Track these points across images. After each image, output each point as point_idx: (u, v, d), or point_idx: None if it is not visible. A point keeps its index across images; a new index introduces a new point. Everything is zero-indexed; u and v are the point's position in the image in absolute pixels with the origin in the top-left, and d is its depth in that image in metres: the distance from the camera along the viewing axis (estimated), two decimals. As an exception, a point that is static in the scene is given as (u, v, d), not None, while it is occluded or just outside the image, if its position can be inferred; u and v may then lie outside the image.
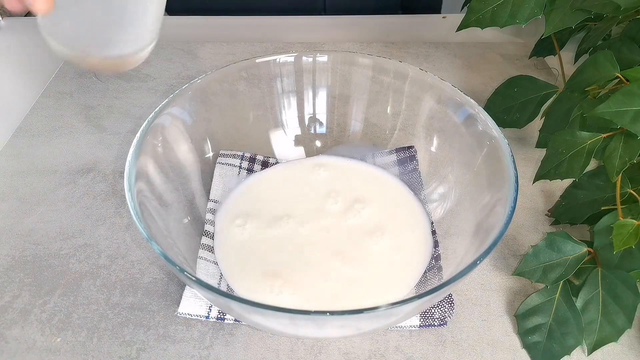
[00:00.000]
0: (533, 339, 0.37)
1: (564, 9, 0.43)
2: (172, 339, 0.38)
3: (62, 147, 0.54)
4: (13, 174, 0.51)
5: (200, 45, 0.69)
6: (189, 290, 0.39)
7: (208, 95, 0.44)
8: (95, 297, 0.40)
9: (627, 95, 0.36)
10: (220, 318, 0.38)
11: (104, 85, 0.62)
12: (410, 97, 0.46)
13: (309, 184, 0.47)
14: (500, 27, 0.45)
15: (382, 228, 0.43)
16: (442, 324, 0.38)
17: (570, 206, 0.43)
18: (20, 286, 0.41)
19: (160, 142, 0.40)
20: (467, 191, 0.42)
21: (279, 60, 0.46)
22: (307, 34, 0.72)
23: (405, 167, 0.48)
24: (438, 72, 0.65)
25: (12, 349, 0.37)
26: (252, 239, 0.42)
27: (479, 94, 0.61)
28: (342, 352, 0.37)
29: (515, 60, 0.67)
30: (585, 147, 0.39)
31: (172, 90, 0.60)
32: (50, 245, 0.44)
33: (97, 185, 0.50)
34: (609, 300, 0.37)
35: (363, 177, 0.47)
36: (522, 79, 0.51)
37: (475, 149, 0.41)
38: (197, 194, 0.45)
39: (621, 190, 0.38)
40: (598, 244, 0.38)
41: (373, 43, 0.70)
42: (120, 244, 0.44)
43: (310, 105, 0.50)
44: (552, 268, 0.38)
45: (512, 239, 0.45)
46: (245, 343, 0.38)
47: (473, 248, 0.36)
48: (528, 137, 0.55)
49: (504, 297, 0.41)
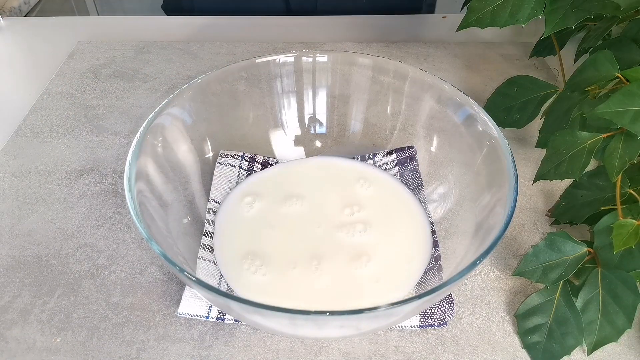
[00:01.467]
0: (533, 339, 0.37)
1: (564, 9, 0.43)
2: (172, 339, 0.38)
3: (62, 147, 0.54)
4: (13, 174, 0.51)
5: (200, 45, 0.69)
6: (188, 291, 0.39)
7: (208, 95, 0.44)
8: (95, 297, 0.40)
9: (627, 95, 0.36)
10: (220, 318, 0.38)
11: (104, 85, 0.62)
12: (410, 97, 0.46)
13: (309, 184, 0.47)
14: (500, 27, 0.45)
15: (382, 228, 0.43)
16: (442, 324, 0.38)
17: (570, 206, 0.43)
18: (20, 286, 0.41)
19: (160, 142, 0.40)
20: (467, 191, 0.42)
21: (279, 60, 0.46)
22: (307, 34, 0.73)
23: (405, 167, 0.48)
24: (438, 72, 0.65)
25: (12, 349, 0.37)
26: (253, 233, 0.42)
27: (479, 94, 0.61)
28: (342, 352, 0.37)
29: (515, 60, 0.67)
30: (585, 147, 0.39)
31: (172, 90, 0.60)
32: (50, 245, 0.44)
33: (97, 185, 0.50)
34: (609, 300, 0.37)
35: (363, 177, 0.47)
36: (522, 79, 0.51)
37: (475, 149, 0.41)
38: (197, 194, 0.45)
39: (621, 190, 0.38)
40: (598, 244, 0.38)
41: (373, 43, 0.70)
42: (120, 244, 0.44)
43: (310, 105, 0.50)
44: (552, 268, 0.38)
45: (512, 239, 0.45)
46: (245, 343, 0.38)
47: (473, 248, 0.36)
48: (528, 137, 0.55)
49: (504, 297, 0.41)
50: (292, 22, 0.75)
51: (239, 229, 0.43)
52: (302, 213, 0.44)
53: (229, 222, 0.44)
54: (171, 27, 0.74)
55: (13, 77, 0.66)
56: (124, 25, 0.76)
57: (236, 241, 0.42)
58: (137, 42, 0.70)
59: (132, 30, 0.74)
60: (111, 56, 0.68)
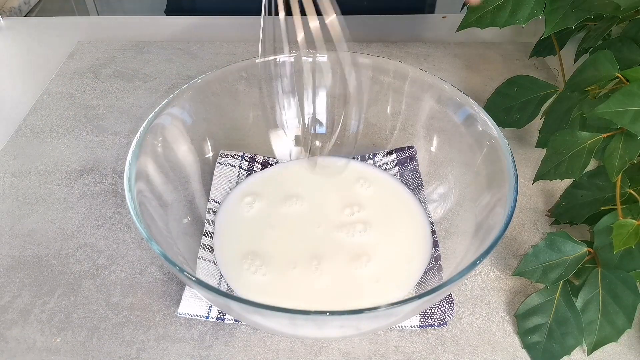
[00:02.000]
0: (533, 339, 0.37)
1: (564, 9, 0.43)
2: (172, 339, 0.38)
3: (62, 147, 0.54)
4: (13, 174, 0.51)
5: (200, 45, 0.69)
6: (188, 291, 0.39)
7: (208, 95, 0.44)
8: (95, 297, 0.40)
9: (627, 95, 0.36)
10: (220, 318, 0.38)
11: (104, 85, 0.62)
12: (410, 97, 0.46)
13: (309, 184, 0.47)
14: (500, 27, 0.45)
15: (382, 228, 0.43)
16: (442, 324, 0.38)
17: (570, 206, 0.43)
18: (20, 286, 0.41)
19: (160, 142, 0.40)
20: (467, 191, 0.42)
21: (279, 60, 0.46)
22: (306, 34, 0.72)
23: (405, 167, 0.48)
24: (438, 72, 0.65)
25: (12, 349, 0.37)
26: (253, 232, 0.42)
27: (479, 94, 0.61)
28: (342, 352, 0.37)
29: (515, 60, 0.67)
30: (585, 147, 0.39)
31: (172, 90, 0.60)
32: (50, 245, 0.44)
33: (97, 185, 0.50)
34: (609, 300, 0.37)
35: (363, 177, 0.47)
36: (522, 79, 0.51)
37: (475, 149, 0.41)
38: (197, 194, 0.45)
39: (621, 190, 0.38)
40: (598, 244, 0.38)
41: (373, 43, 0.70)
42: (120, 244, 0.44)
43: (310, 105, 0.50)
44: (552, 268, 0.38)
45: (512, 239, 0.45)
46: (245, 343, 0.38)
47: (473, 248, 0.36)
48: (528, 137, 0.55)
49: (504, 297, 0.41)
50: (292, 22, 0.75)
51: (239, 229, 0.43)
52: (302, 213, 0.44)
53: (229, 222, 0.44)
54: (171, 27, 0.74)
55: (13, 77, 0.66)
56: (124, 25, 0.76)
57: (236, 241, 0.42)
58: (137, 42, 0.70)
59: (132, 30, 0.74)
60: (111, 56, 0.68)
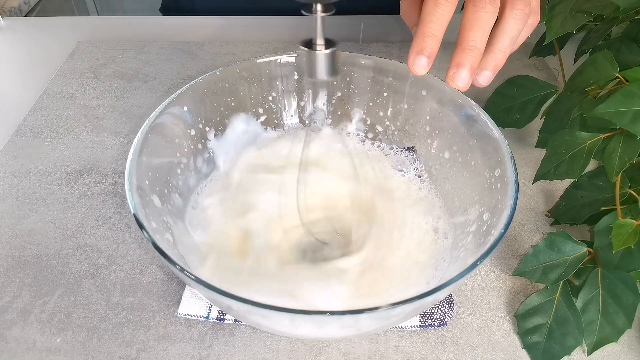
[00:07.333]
0: (533, 339, 0.37)
1: (563, 14, 0.43)
2: (172, 339, 0.38)
3: (62, 147, 0.54)
4: (13, 174, 0.51)
5: (200, 45, 0.69)
6: (188, 291, 0.39)
7: (208, 95, 0.44)
8: (95, 297, 0.40)
9: (627, 95, 0.36)
10: (220, 318, 0.38)
11: (104, 85, 0.62)
12: (410, 97, 0.46)
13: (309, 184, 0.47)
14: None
15: (381, 228, 0.43)
16: (442, 325, 0.38)
17: (570, 206, 0.43)
18: (20, 286, 0.41)
19: (161, 141, 0.40)
20: (467, 191, 0.42)
21: (279, 60, 0.46)
22: (307, 34, 0.72)
23: (406, 167, 0.47)
24: (438, 72, 0.65)
25: (12, 349, 0.37)
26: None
27: (479, 94, 0.61)
28: (342, 352, 0.37)
29: (515, 60, 0.67)
30: (585, 147, 0.39)
31: (172, 90, 0.60)
32: (50, 245, 0.44)
33: (97, 185, 0.50)
34: (609, 300, 0.37)
35: (363, 177, 0.47)
36: (522, 79, 0.51)
37: (475, 149, 0.41)
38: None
39: (621, 190, 0.38)
40: (598, 244, 0.38)
41: (373, 43, 0.70)
42: (120, 244, 0.44)
43: (310, 105, 0.50)
44: (552, 268, 0.38)
45: (512, 239, 0.45)
46: (245, 343, 0.38)
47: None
48: (528, 137, 0.55)
49: (504, 297, 0.41)
50: (292, 22, 0.75)
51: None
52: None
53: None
54: (171, 27, 0.74)
55: (13, 77, 0.66)
56: (124, 25, 0.76)
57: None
58: (137, 42, 0.70)
59: (132, 30, 0.74)
60: (111, 56, 0.68)
